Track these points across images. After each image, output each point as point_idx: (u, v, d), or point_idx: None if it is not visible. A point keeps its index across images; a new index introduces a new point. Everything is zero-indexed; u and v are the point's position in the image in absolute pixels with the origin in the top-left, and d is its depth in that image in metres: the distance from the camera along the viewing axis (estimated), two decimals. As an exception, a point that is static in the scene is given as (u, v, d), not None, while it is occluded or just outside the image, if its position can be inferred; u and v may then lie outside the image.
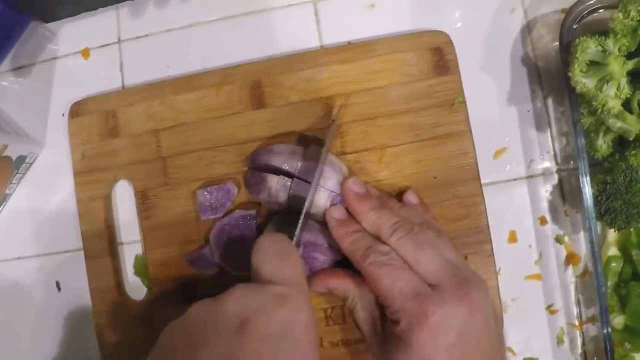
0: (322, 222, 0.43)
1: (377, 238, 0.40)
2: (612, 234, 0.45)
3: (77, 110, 0.50)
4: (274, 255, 0.38)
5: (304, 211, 0.41)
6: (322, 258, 0.43)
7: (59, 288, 0.51)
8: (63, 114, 0.51)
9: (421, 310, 0.36)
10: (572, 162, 0.47)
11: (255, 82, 0.47)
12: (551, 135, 0.47)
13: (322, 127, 0.47)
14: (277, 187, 0.43)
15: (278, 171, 0.43)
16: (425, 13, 0.49)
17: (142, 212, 0.48)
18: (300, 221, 0.41)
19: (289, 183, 0.43)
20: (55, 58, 0.53)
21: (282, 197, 0.43)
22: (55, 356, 0.51)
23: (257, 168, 0.45)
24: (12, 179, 0.50)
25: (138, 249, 0.49)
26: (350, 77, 0.47)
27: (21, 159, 0.49)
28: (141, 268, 0.49)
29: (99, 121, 0.49)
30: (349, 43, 0.49)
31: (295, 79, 0.47)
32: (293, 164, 0.43)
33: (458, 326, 0.36)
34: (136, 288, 0.49)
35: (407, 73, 0.46)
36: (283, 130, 0.47)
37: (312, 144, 0.46)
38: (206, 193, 0.46)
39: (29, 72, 0.53)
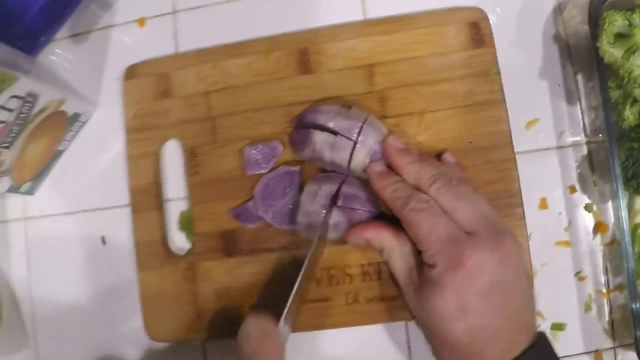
0: (362, 180, 0.46)
1: (417, 189, 0.42)
2: (639, 203, 0.47)
3: (131, 73, 0.53)
4: (255, 335, 0.42)
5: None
6: (361, 210, 0.45)
7: (104, 242, 0.53)
8: (117, 78, 0.54)
9: (457, 253, 0.38)
10: (600, 135, 0.49)
11: (302, 49, 0.50)
12: (581, 109, 0.50)
13: (364, 92, 0.49)
14: (322, 143, 0.45)
15: (323, 129, 0.46)
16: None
17: (189, 169, 0.51)
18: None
19: (333, 140, 0.45)
20: (111, 26, 0.56)
21: (326, 153, 0.45)
22: (98, 308, 0.53)
23: (302, 126, 0.48)
24: (66, 135, 0.53)
25: (182, 207, 0.51)
26: (391, 47, 0.49)
27: (75, 117, 0.52)
28: (186, 223, 0.51)
29: (152, 83, 0.52)
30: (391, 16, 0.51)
31: (339, 47, 0.50)
32: (337, 123, 0.45)
33: (492, 272, 0.38)
34: (179, 244, 0.51)
35: (446, 45, 0.49)
36: (327, 95, 0.50)
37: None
38: (253, 150, 0.49)
39: (85, 39, 0.56)
